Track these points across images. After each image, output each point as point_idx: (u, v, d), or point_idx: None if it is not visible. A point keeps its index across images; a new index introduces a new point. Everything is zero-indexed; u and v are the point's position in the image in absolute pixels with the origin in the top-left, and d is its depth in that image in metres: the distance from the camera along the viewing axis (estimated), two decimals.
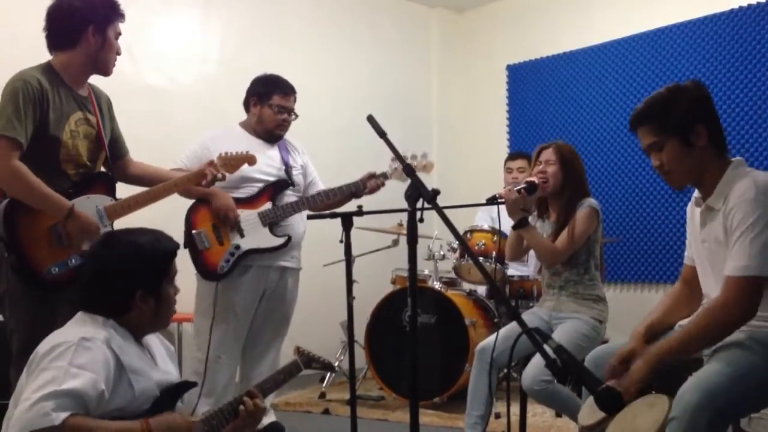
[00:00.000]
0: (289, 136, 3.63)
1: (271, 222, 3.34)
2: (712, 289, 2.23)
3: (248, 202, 3.35)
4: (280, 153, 3.52)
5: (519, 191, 3.10)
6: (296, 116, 3.57)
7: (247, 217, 3.30)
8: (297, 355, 2.41)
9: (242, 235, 3.28)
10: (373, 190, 3.46)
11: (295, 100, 3.55)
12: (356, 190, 3.42)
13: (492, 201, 3.12)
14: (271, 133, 3.50)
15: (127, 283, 2.01)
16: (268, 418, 3.40)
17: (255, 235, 3.29)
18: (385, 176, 3.43)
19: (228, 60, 5.26)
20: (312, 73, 5.62)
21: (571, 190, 3.17)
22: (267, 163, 3.43)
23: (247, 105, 3.56)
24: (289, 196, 3.45)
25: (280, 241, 3.35)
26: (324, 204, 3.41)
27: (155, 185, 2.88)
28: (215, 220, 3.27)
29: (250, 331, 3.47)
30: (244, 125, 3.57)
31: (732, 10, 4.86)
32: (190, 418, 2.05)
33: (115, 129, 2.94)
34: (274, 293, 3.48)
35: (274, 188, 3.41)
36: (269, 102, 3.46)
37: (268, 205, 3.36)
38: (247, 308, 3.40)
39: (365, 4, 6.13)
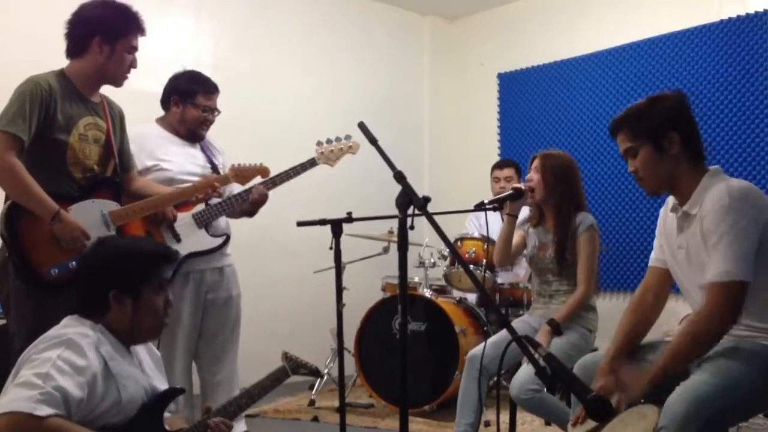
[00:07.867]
0: (285, 141, 3.55)
1: (207, 223, 3.15)
2: (691, 292, 2.26)
3: (180, 203, 3.11)
4: (203, 152, 3.36)
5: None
6: (219, 112, 3.37)
7: (182, 219, 3.08)
8: (285, 361, 2.41)
9: (179, 240, 3.06)
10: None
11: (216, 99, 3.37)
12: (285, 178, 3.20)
13: (480, 207, 3.14)
14: (194, 132, 3.31)
15: (100, 281, 2.00)
16: (239, 427, 3.25)
17: (192, 238, 3.09)
18: (313, 162, 3.23)
19: (220, 65, 5.24)
20: (304, 79, 5.63)
21: (558, 198, 3.19)
22: (192, 162, 3.28)
23: (166, 103, 3.33)
24: (215, 197, 3.18)
25: (219, 241, 3.20)
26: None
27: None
28: (148, 227, 3.02)
29: (203, 337, 3.30)
30: (163, 123, 3.34)
31: (721, 21, 4.89)
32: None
33: (125, 142, 2.95)
34: (218, 293, 3.30)
35: None
36: (193, 101, 3.26)
37: (201, 206, 3.14)
38: (194, 315, 3.23)
39: (358, 11, 6.14)
